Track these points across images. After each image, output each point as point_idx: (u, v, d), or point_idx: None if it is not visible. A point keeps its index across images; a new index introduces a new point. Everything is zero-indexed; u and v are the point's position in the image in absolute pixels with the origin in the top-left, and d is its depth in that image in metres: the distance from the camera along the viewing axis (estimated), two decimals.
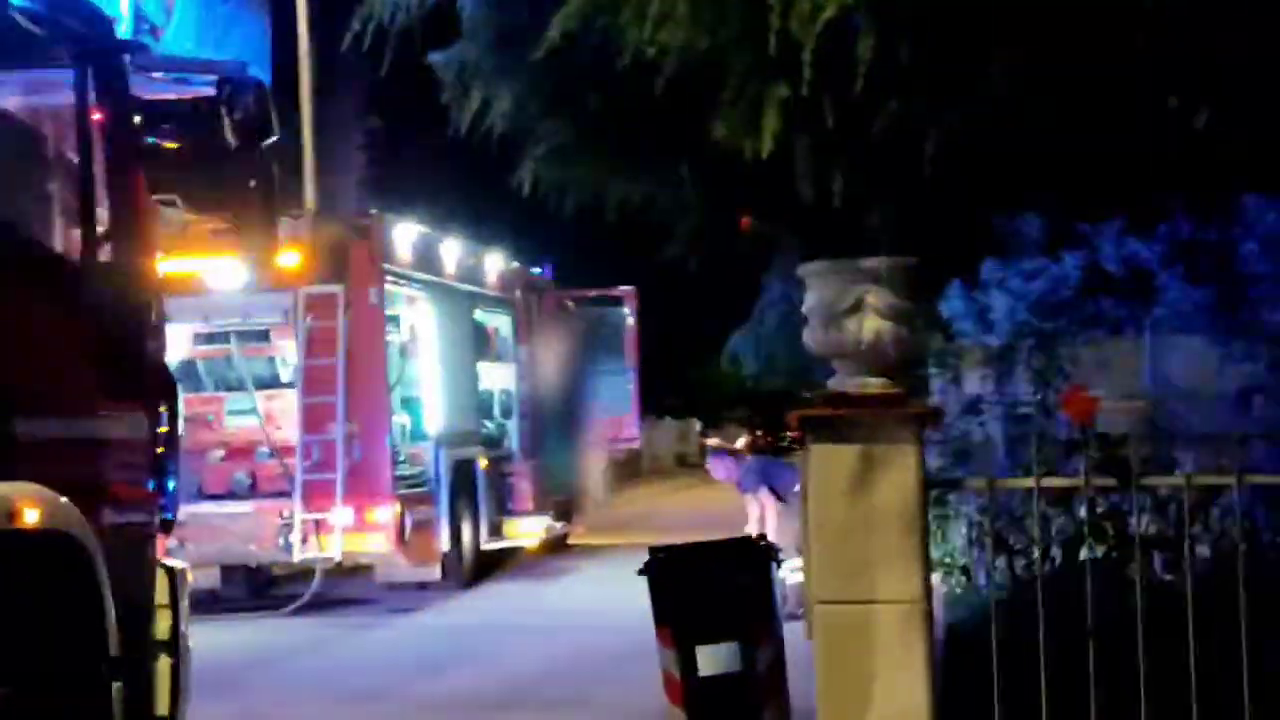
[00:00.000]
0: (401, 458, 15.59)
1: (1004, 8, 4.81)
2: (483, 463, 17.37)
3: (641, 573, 7.07)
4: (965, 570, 9.71)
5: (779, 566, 7.26)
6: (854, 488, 5.94)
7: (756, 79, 5.10)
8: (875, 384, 6.09)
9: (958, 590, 9.32)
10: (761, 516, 13.98)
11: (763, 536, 7.23)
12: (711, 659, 6.86)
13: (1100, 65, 4.94)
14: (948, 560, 9.29)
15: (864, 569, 5.98)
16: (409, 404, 16.31)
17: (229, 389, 15.31)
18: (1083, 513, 8.46)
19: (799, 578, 12.21)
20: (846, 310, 5.98)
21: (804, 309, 6.20)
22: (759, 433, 56.46)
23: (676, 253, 6.91)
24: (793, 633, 7.78)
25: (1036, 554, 6.65)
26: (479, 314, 18.26)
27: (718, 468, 14.47)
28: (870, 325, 5.99)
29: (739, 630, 6.91)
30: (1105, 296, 11.48)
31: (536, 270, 20.91)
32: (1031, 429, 9.88)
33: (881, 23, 4.74)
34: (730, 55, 5.12)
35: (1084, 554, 6.36)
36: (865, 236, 5.93)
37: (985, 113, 5.03)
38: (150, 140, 6.54)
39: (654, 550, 7.18)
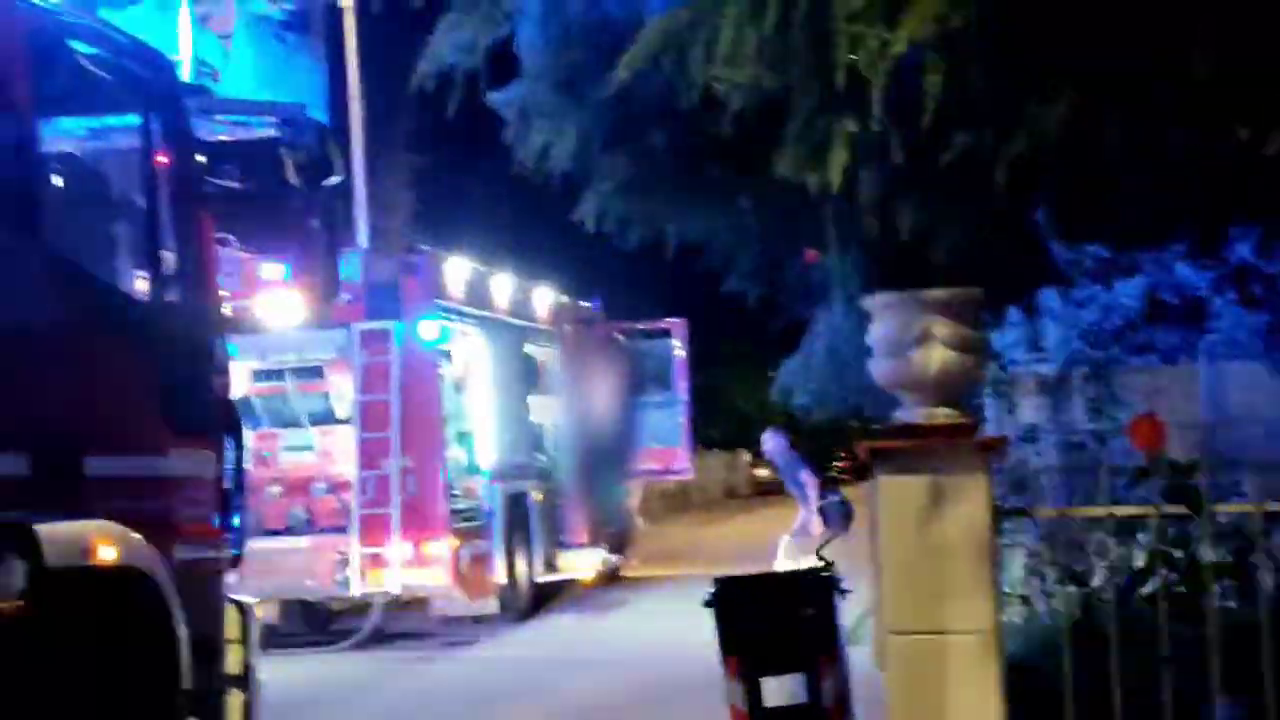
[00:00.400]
0: (456, 492, 15.64)
1: (1071, 38, 4.84)
2: (536, 496, 17.42)
3: (707, 604, 7.08)
4: (1025, 600, 9.66)
5: (842, 597, 7.24)
6: (924, 518, 5.94)
7: (824, 114, 5.14)
8: (942, 414, 6.10)
9: (1017, 620, 9.27)
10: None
11: (828, 566, 7.20)
12: (777, 690, 6.84)
13: (1167, 94, 4.96)
14: (1006, 590, 9.25)
15: (935, 599, 5.97)
16: (462, 438, 16.38)
17: (285, 425, 15.41)
18: (1141, 540, 8.42)
19: None
20: (913, 341, 5.99)
21: (869, 340, 6.22)
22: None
23: (736, 286, 6.97)
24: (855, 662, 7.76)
25: (1105, 583, 6.62)
26: (529, 347, 18.35)
27: (770, 440, 15.02)
28: (937, 356, 5.99)
29: (804, 661, 6.90)
30: (1158, 324, 11.44)
31: (587, 303, 21.01)
32: (1087, 457, 9.84)
33: (951, 57, 4.78)
34: (797, 91, 5.16)
35: (1153, 583, 6.33)
36: (929, 267, 5.95)
37: (1052, 143, 5.05)
38: (213, 182, 6.64)
39: (718, 581, 7.18)
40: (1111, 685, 6.07)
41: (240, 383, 14.66)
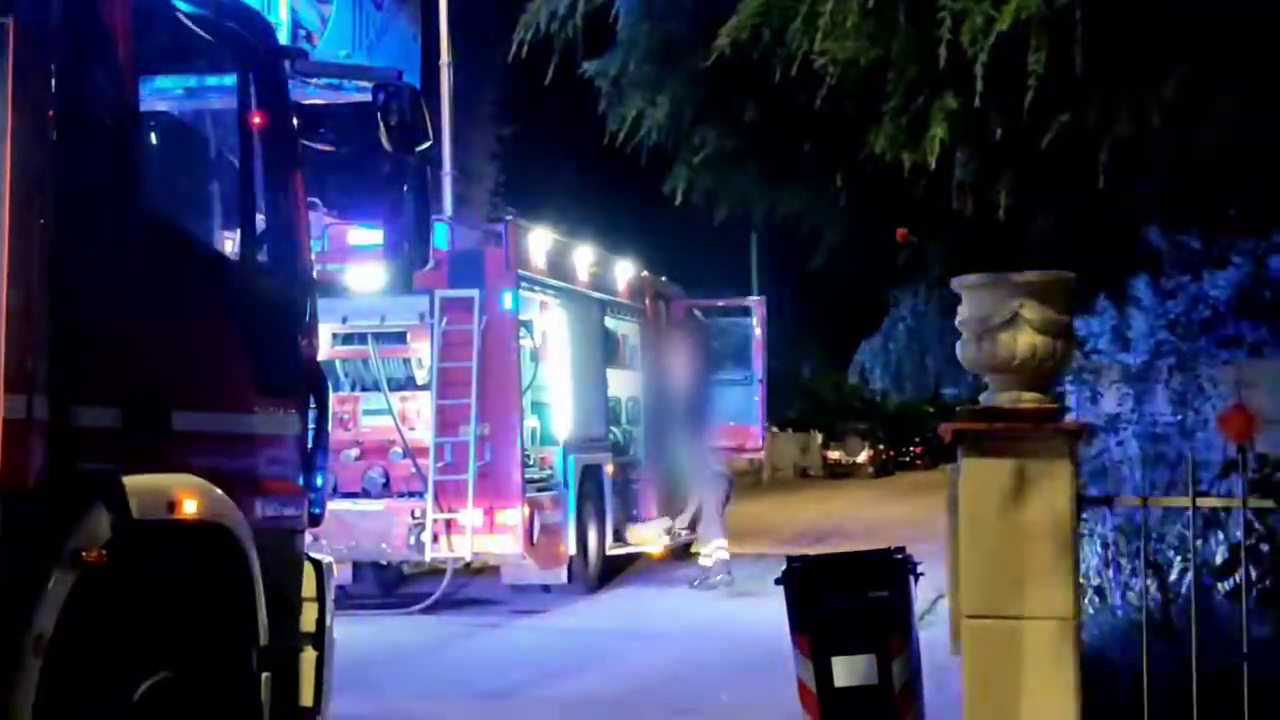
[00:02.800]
0: (531, 461, 15.72)
1: (1181, 20, 4.76)
2: (609, 468, 17.48)
3: (779, 582, 7.08)
4: (1099, 590, 9.58)
5: (916, 580, 7.21)
6: (1006, 503, 5.91)
7: (924, 90, 5.10)
8: (1029, 399, 6.05)
9: (1090, 610, 9.20)
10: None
11: (901, 549, 7.17)
12: (847, 670, 6.84)
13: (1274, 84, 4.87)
14: (1081, 580, 9.19)
15: (1015, 584, 5.94)
16: (539, 408, 16.45)
17: (364, 389, 15.53)
18: (1222, 535, 8.30)
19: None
20: (1001, 324, 5.94)
21: (957, 322, 6.17)
22: (881, 446, 56.24)
23: (823, 264, 6.94)
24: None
25: (1187, 575, 6.55)
26: (609, 321, 18.37)
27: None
28: (1025, 340, 5.94)
29: (875, 642, 6.89)
30: (1247, 317, 11.26)
31: (667, 279, 21.02)
32: (1170, 449, 9.73)
33: (1055, 35, 4.72)
34: (897, 66, 5.12)
35: (1237, 577, 6.25)
36: (1020, 249, 5.89)
37: (1156, 125, 4.98)
38: (306, 144, 6.69)
39: (791, 560, 7.18)
40: (1190, 680, 6.00)
41: (323, 345, 14.80)
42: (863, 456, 53.54)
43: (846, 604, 6.92)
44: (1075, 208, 5.77)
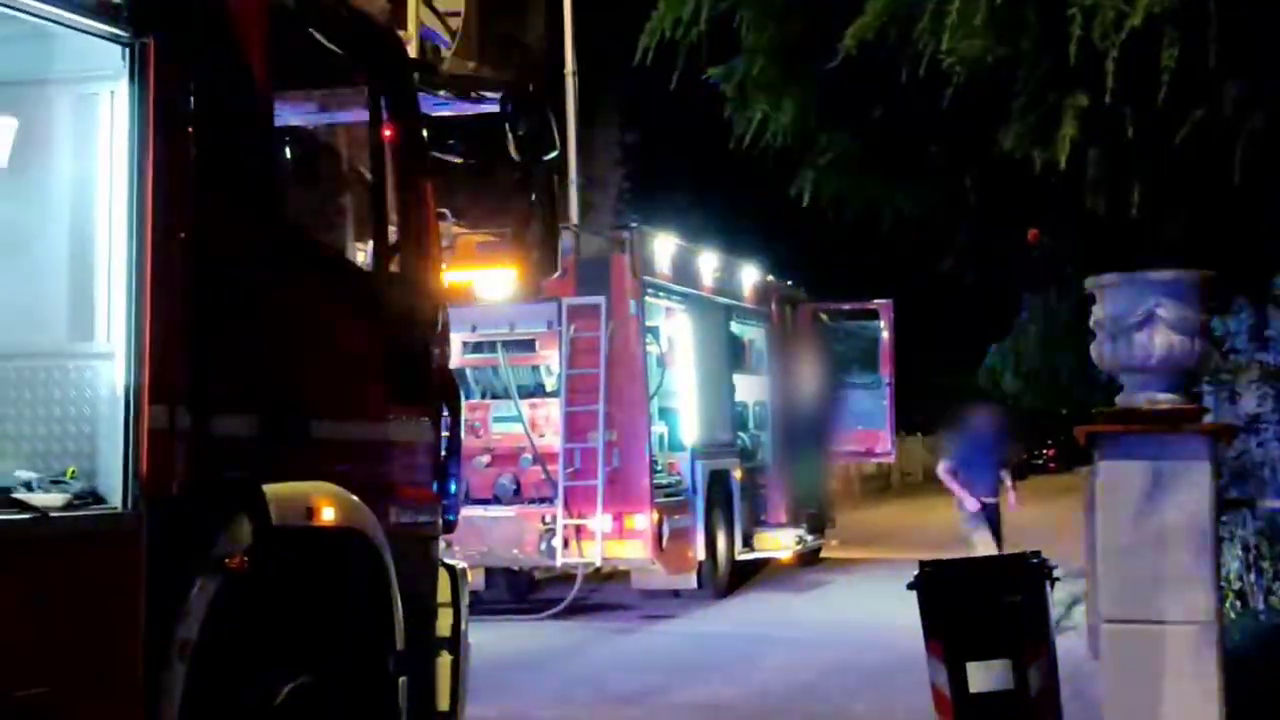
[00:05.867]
0: (659, 467, 15.76)
1: None
2: (738, 474, 17.46)
3: (911, 587, 7.02)
4: (1241, 595, 9.40)
5: (1052, 585, 7.11)
6: (1143, 505, 5.81)
7: (1054, 88, 5.04)
8: (1165, 399, 5.95)
9: (1233, 615, 9.02)
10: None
11: (1037, 553, 7.07)
12: (983, 676, 6.76)
13: None
14: (1222, 584, 9.01)
15: (1154, 588, 5.84)
16: (666, 414, 16.49)
17: (494, 397, 15.69)
18: None
19: None
20: (1137, 323, 5.85)
21: (1092, 322, 6.09)
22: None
23: (952, 266, 6.89)
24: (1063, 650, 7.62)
25: None
26: (734, 326, 18.36)
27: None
28: (1161, 339, 5.86)
29: (1012, 648, 6.80)
30: None
31: (793, 283, 20.93)
32: None
33: (1188, 30, 4.64)
34: (1026, 64, 5.07)
35: None
36: (1155, 248, 5.79)
37: None
38: (436, 156, 6.78)
39: (924, 565, 7.12)
40: None
41: (454, 354, 14.96)
42: None
43: (981, 609, 6.84)
44: (1211, 205, 5.66)
